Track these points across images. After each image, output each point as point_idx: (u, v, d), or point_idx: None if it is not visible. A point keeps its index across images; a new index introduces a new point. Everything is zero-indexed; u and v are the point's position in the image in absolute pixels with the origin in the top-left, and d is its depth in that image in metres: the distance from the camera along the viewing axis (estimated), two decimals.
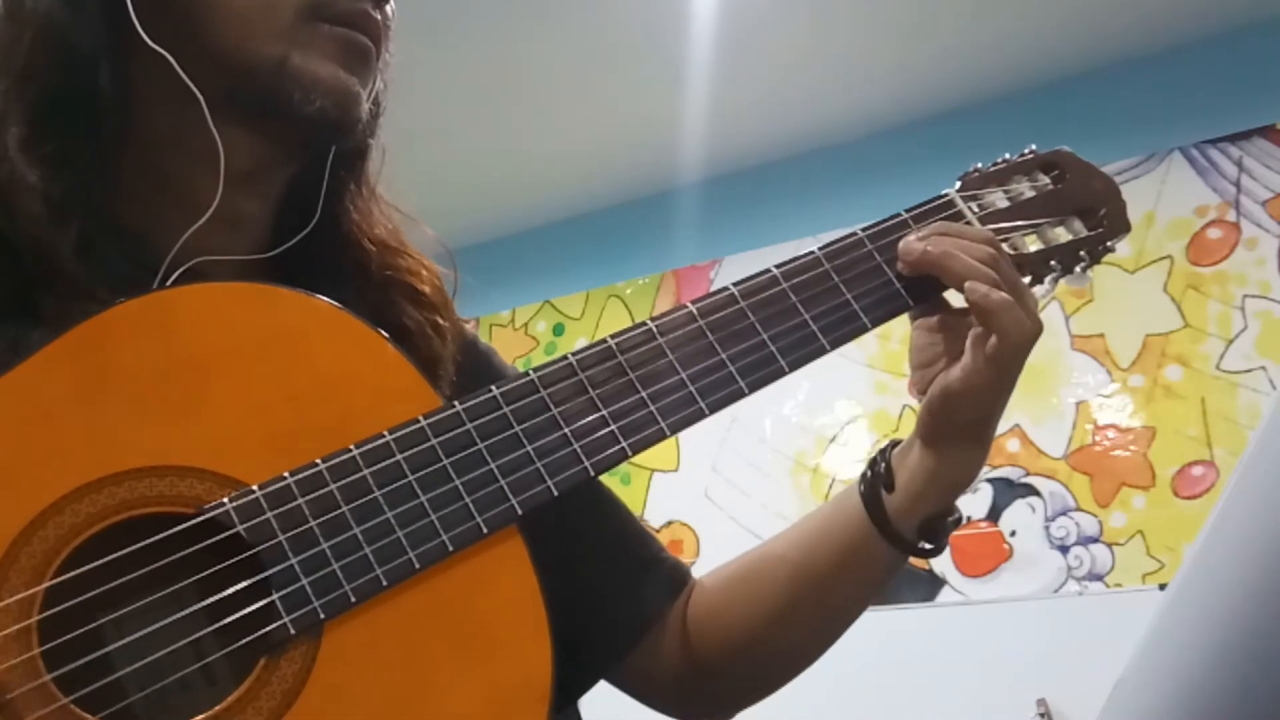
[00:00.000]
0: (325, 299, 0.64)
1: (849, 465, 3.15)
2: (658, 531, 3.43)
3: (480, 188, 3.53)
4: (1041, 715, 2.65)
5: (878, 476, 0.77)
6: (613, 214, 3.76)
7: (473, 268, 0.86)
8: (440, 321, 0.77)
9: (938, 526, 0.76)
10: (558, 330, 3.80)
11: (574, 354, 0.67)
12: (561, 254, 3.84)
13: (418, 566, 0.59)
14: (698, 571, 0.87)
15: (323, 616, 0.57)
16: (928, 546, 0.77)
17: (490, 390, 0.64)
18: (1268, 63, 2.87)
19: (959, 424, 0.74)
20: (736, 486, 3.32)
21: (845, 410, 3.17)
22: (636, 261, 3.69)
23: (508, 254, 3.80)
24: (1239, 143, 2.87)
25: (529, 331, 3.85)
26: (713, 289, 0.72)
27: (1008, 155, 0.83)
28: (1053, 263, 0.79)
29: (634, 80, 3.05)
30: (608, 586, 0.82)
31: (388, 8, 0.74)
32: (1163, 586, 2.71)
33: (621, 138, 3.37)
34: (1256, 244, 2.82)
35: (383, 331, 0.65)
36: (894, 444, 0.79)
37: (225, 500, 0.57)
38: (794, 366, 0.71)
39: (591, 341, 0.68)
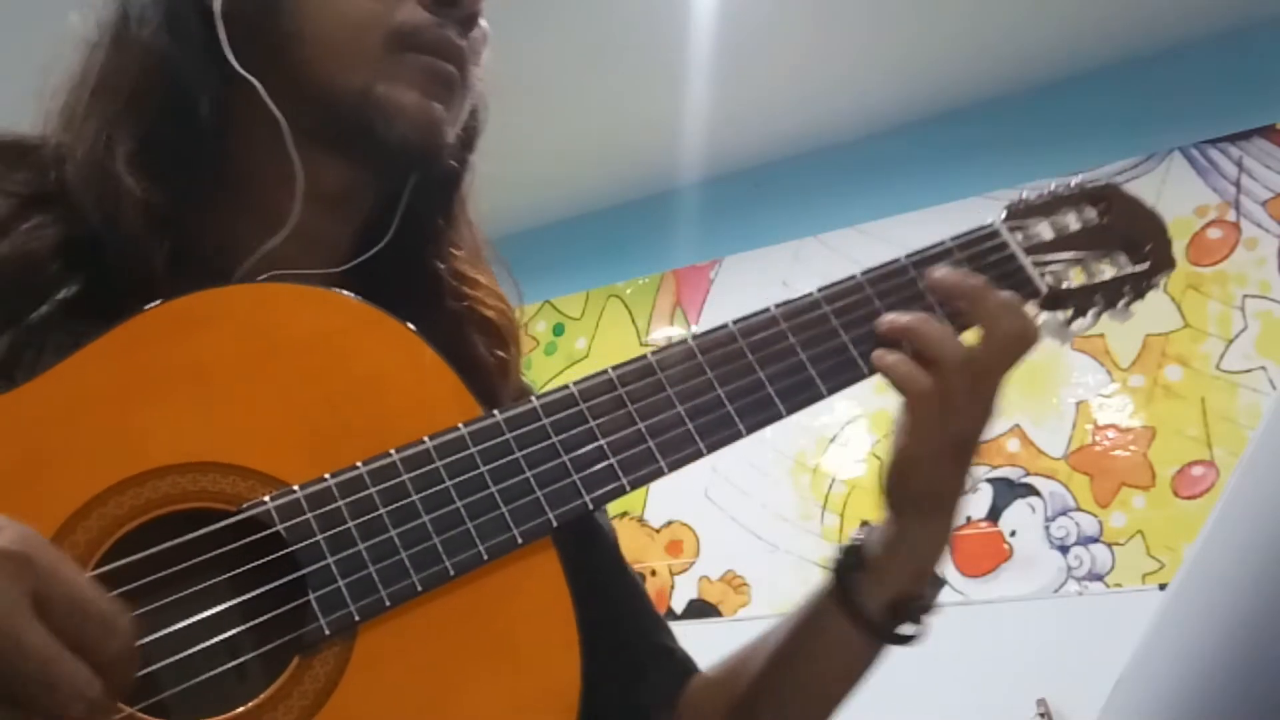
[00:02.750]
0: (365, 301, 0.65)
1: (849, 465, 3.15)
2: (657, 532, 3.43)
3: (480, 187, 3.53)
4: (1041, 715, 2.66)
5: (847, 553, 0.76)
6: (613, 214, 3.76)
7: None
8: (505, 357, 0.78)
9: (907, 608, 0.74)
10: (558, 330, 3.80)
11: (614, 369, 0.67)
12: (561, 254, 3.84)
13: (452, 574, 0.60)
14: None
15: (357, 619, 0.57)
16: (905, 633, 0.74)
17: (530, 401, 0.65)
18: (1268, 63, 2.88)
19: (910, 493, 0.73)
20: (736, 486, 3.32)
21: (845, 410, 3.17)
22: (636, 261, 3.69)
23: (508, 254, 3.80)
24: (1239, 143, 2.88)
25: (529, 331, 3.85)
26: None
27: (1054, 185, 0.82)
28: (1096, 297, 0.79)
29: (634, 80, 3.05)
30: (625, 666, 0.80)
31: (475, 32, 0.75)
32: (1163, 586, 2.71)
33: (621, 138, 3.37)
34: (1256, 244, 2.82)
35: (415, 329, 0.65)
36: (868, 523, 0.78)
37: (266, 499, 0.58)
38: (791, 410, 0.70)
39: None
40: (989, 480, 3.00)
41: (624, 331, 3.59)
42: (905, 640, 0.75)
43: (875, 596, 0.74)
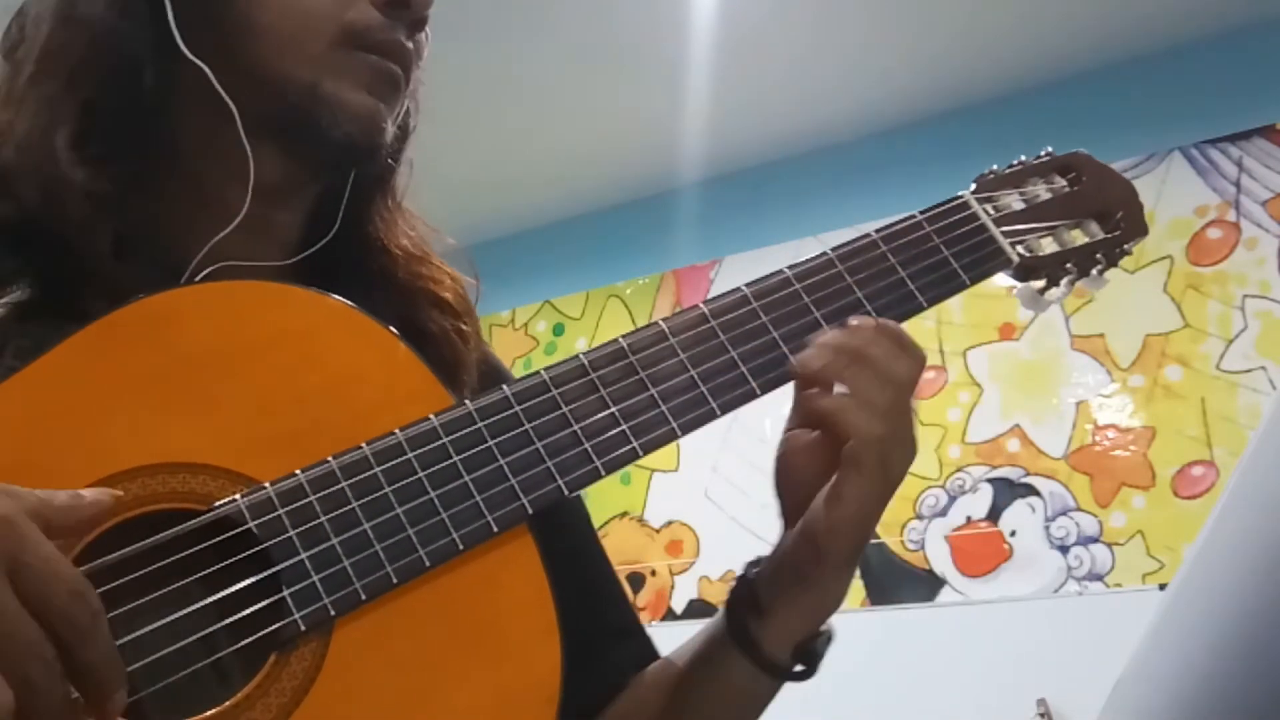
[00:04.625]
0: (337, 297, 0.64)
1: None
2: (657, 532, 3.43)
3: (480, 188, 3.53)
4: (1041, 715, 2.66)
5: (741, 594, 0.72)
6: (613, 214, 3.76)
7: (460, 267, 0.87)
8: (464, 327, 0.78)
9: (812, 649, 0.71)
10: (558, 330, 3.80)
11: (585, 354, 0.67)
12: (561, 254, 3.84)
13: (428, 564, 0.59)
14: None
15: (333, 614, 0.57)
16: (800, 669, 0.71)
17: (502, 389, 0.64)
18: (1268, 63, 2.88)
19: (844, 551, 0.68)
20: (736, 486, 3.32)
21: None
22: (636, 261, 3.69)
23: (508, 254, 3.80)
24: (1239, 143, 2.88)
25: (529, 331, 3.85)
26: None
27: (1024, 157, 0.82)
28: (1068, 265, 0.79)
29: (634, 80, 3.05)
30: (592, 635, 0.78)
31: (420, 36, 0.75)
32: (1163, 586, 2.71)
33: (621, 138, 3.37)
34: (1256, 244, 2.82)
35: (393, 329, 0.65)
36: (755, 564, 0.73)
37: (237, 497, 0.58)
38: (765, 389, 0.69)
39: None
40: (989, 480, 3.00)
41: (624, 331, 3.59)
42: (805, 675, 0.72)
43: (780, 643, 0.70)
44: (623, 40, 2.87)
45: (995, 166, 0.81)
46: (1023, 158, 0.82)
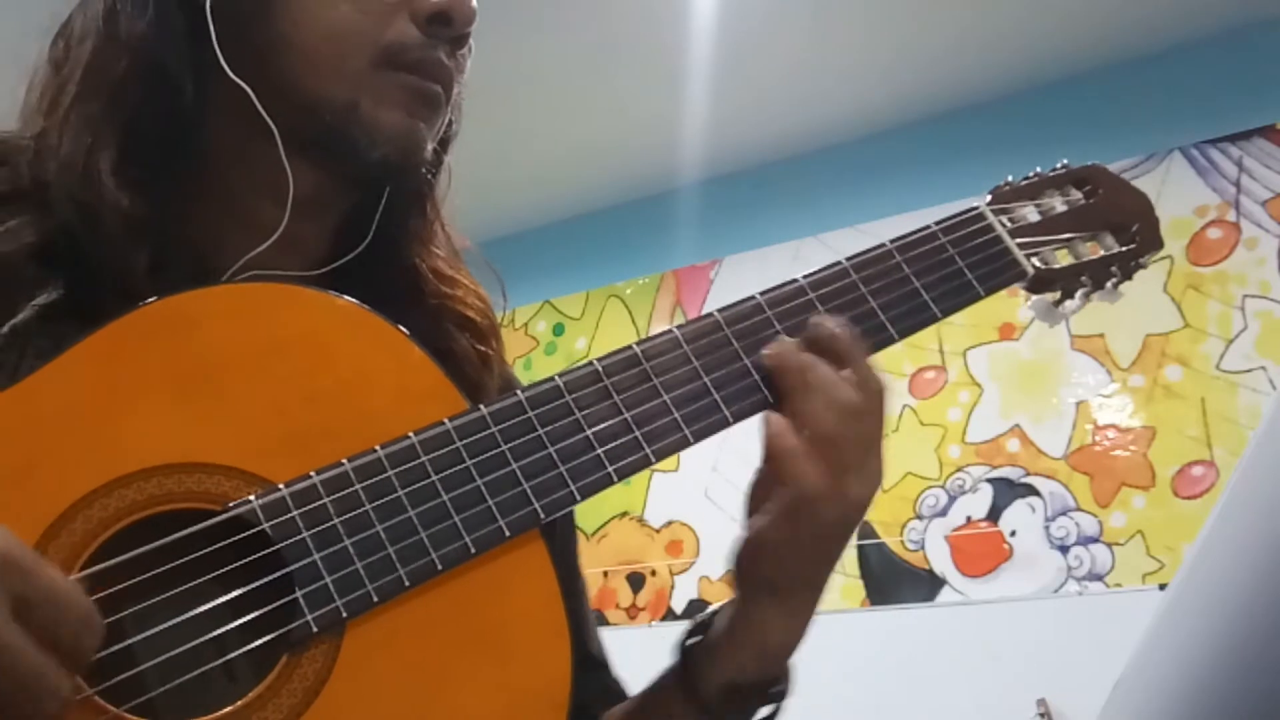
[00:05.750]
0: (350, 299, 0.65)
1: None
2: (657, 532, 3.43)
3: (480, 188, 3.53)
4: (1041, 715, 2.66)
5: (693, 630, 0.71)
6: (613, 214, 3.76)
7: (472, 267, 0.87)
8: (488, 351, 0.77)
9: (746, 694, 0.68)
10: (558, 330, 3.80)
11: (599, 359, 0.67)
12: (561, 254, 3.84)
13: (440, 568, 0.59)
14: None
15: (345, 615, 0.57)
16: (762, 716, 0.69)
17: (516, 394, 0.64)
18: (1268, 63, 2.88)
19: (760, 576, 0.68)
20: (736, 486, 3.31)
21: None
22: (636, 261, 3.69)
23: (508, 254, 3.79)
24: (1239, 143, 2.88)
25: (529, 331, 3.85)
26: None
27: (1039, 168, 0.82)
28: (1083, 278, 0.79)
29: (634, 80, 3.05)
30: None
31: (461, 52, 0.74)
32: (1163, 586, 2.71)
33: (621, 138, 3.37)
34: (1256, 244, 2.82)
35: (403, 329, 0.65)
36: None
37: (251, 498, 0.58)
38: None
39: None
40: (989, 480, 3.00)
41: (624, 331, 3.59)
42: None
43: (712, 679, 0.68)
44: (623, 40, 2.88)
45: (1010, 178, 0.81)
46: (1038, 169, 0.82)
